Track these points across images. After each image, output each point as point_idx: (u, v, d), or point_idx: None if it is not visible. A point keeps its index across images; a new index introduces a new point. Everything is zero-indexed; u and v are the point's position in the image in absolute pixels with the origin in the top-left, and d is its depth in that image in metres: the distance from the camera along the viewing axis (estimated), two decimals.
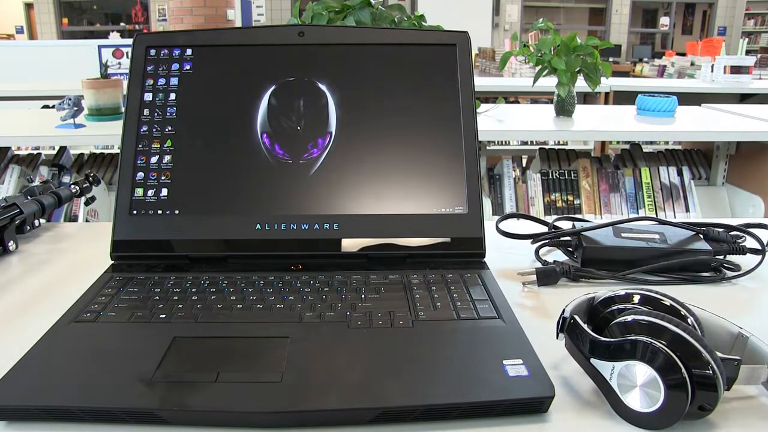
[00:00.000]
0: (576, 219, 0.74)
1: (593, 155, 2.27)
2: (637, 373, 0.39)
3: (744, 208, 2.12)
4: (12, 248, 0.70)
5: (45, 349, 0.46)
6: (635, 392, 0.39)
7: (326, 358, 0.45)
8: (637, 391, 0.39)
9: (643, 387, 0.39)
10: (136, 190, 0.63)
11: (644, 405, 0.39)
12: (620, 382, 0.40)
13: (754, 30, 11.75)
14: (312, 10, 1.50)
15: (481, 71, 5.51)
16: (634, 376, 0.39)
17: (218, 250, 0.62)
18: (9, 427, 0.40)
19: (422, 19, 1.57)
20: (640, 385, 0.39)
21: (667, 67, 5.27)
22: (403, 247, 0.61)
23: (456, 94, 0.65)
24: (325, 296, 0.54)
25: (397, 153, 0.63)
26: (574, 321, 0.44)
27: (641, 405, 0.39)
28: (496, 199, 2.11)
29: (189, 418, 0.40)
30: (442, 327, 0.49)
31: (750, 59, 3.20)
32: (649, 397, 0.38)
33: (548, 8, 11.46)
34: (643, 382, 0.39)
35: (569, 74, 1.82)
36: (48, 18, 10.65)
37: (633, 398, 0.39)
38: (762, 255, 0.65)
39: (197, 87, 0.65)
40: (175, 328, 0.49)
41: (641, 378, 0.39)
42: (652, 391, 0.38)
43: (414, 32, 0.68)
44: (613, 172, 2.11)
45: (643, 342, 0.38)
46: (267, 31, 0.67)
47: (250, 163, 0.63)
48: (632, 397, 0.39)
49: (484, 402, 0.40)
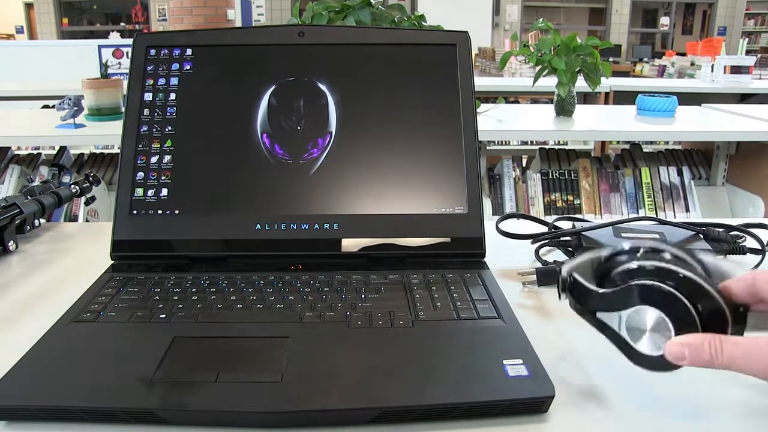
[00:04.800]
0: (576, 219, 0.74)
1: (593, 155, 2.27)
2: (646, 318, 0.38)
3: (744, 208, 2.12)
4: (12, 248, 0.70)
5: (45, 349, 0.46)
6: (646, 338, 0.38)
7: (326, 358, 0.45)
8: (647, 336, 0.38)
9: (652, 331, 0.38)
10: (136, 190, 0.63)
11: (656, 348, 0.38)
12: (630, 330, 0.39)
13: (754, 30, 11.75)
14: (312, 10, 1.50)
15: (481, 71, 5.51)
16: (644, 321, 0.38)
17: (218, 250, 0.62)
18: (9, 427, 0.40)
19: (422, 19, 1.57)
20: (650, 329, 0.38)
21: (667, 67, 5.27)
22: (403, 247, 0.61)
23: (456, 94, 0.65)
24: (325, 296, 0.54)
25: (397, 153, 0.63)
26: (573, 279, 0.42)
27: (653, 349, 0.38)
28: (496, 199, 2.11)
29: (189, 418, 0.40)
30: (442, 327, 0.49)
31: (750, 59, 3.20)
32: (661, 339, 0.38)
33: (548, 8, 11.46)
34: (652, 325, 0.38)
35: (569, 74, 1.82)
36: (48, 18, 10.65)
37: (645, 344, 0.39)
38: (762, 255, 0.65)
39: (197, 87, 0.65)
40: (175, 328, 0.49)
41: (651, 322, 0.38)
42: (663, 333, 0.38)
43: (414, 32, 0.68)
44: (613, 172, 2.11)
45: (648, 286, 0.38)
46: (267, 31, 0.67)
47: (250, 163, 0.63)
48: (644, 343, 0.39)
49: (484, 402, 0.40)
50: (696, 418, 0.41)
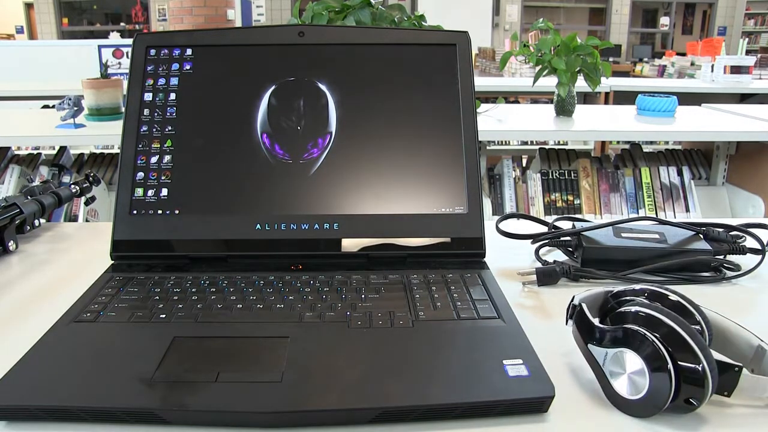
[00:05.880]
0: (576, 219, 0.74)
1: (593, 155, 2.27)
2: (626, 361, 0.40)
3: (744, 208, 2.12)
4: (12, 248, 0.70)
5: (45, 349, 0.46)
6: (623, 379, 0.41)
7: (326, 358, 0.45)
8: (625, 378, 0.41)
9: (631, 374, 0.40)
10: (136, 190, 0.63)
11: (630, 392, 0.40)
12: (611, 368, 0.41)
13: (754, 30, 11.75)
14: (312, 10, 1.50)
15: (481, 71, 5.50)
16: (624, 363, 0.41)
17: (218, 250, 0.62)
18: (9, 427, 0.40)
19: (422, 19, 1.57)
20: (628, 373, 0.40)
21: (667, 67, 5.27)
22: (403, 247, 0.61)
23: (456, 94, 0.65)
24: (325, 296, 0.54)
25: (397, 153, 0.63)
26: (580, 308, 0.45)
27: (628, 391, 0.40)
28: (496, 199, 2.11)
29: (189, 418, 0.40)
30: (442, 327, 0.49)
31: (750, 59, 3.20)
32: (635, 384, 0.40)
33: (548, 8, 11.45)
34: (632, 369, 0.40)
35: (569, 74, 1.82)
36: (48, 18, 10.65)
37: (621, 384, 0.41)
38: (762, 255, 0.65)
39: (197, 87, 0.65)
40: (175, 328, 0.49)
41: (630, 366, 0.40)
42: (638, 378, 0.40)
43: (414, 32, 0.68)
44: (613, 172, 2.11)
45: (635, 331, 0.40)
46: (267, 31, 0.67)
47: (250, 163, 0.63)
48: (620, 383, 0.41)
49: (484, 402, 0.40)
50: (696, 417, 0.41)
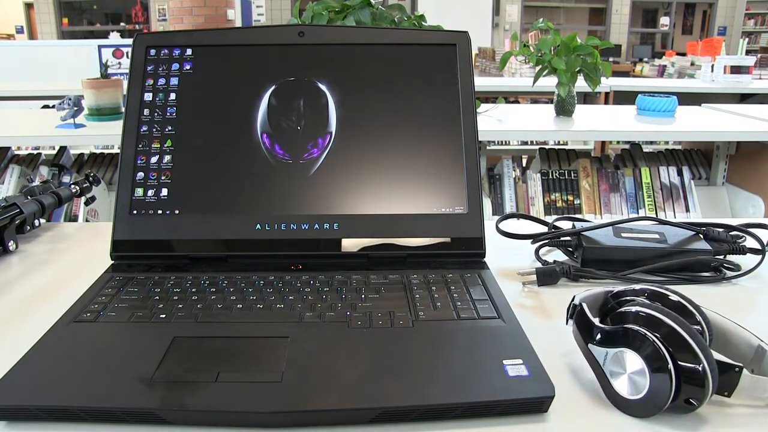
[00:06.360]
0: (576, 219, 0.74)
1: (593, 155, 2.27)
2: (627, 360, 0.40)
3: (744, 208, 2.12)
4: (12, 248, 0.70)
5: (45, 349, 0.46)
6: (623, 378, 0.41)
7: (326, 358, 0.45)
8: (625, 378, 0.41)
9: (631, 374, 0.40)
10: (136, 190, 0.63)
11: (631, 392, 0.40)
12: (611, 368, 0.41)
13: (754, 30, 11.74)
14: (312, 10, 1.50)
15: (481, 71, 5.50)
16: (624, 363, 0.40)
17: (218, 250, 0.62)
18: (9, 427, 0.40)
19: (422, 19, 1.57)
20: (629, 372, 0.40)
21: (667, 67, 5.27)
22: (403, 247, 0.61)
23: (456, 94, 0.65)
24: (325, 296, 0.54)
25: (397, 153, 0.63)
26: (581, 308, 0.45)
27: (628, 391, 0.40)
28: (496, 199, 2.11)
29: (189, 418, 0.40)
30: (442, 327, 0.49)
31: (750, 59, 3.20)
32: (635, 384, 0.40)
33: (548, 8, 11.45)
34: (632, 369, 0.40)
35: (569, 74, 1.82)
36: (48, 18, 10.65)
37: (621, 384, 0.41)
38: (762, 255, 0.65)
39: (197, 87, 0.65)
40: (175, 328, 0.49)
41: (631, 366, 0.40)
42: (639, 378, 0.40)
43: (414, 32, 0.68)
44: (613, 172, 2.11)
45: (635, 331, 0.40)
46: (267, 31, 0.67)
47: (250, 163, 0.63)
48: (620, 383, 0.41)
49: (484, 402, 0.40)
50: (696, 417, 0.41)
